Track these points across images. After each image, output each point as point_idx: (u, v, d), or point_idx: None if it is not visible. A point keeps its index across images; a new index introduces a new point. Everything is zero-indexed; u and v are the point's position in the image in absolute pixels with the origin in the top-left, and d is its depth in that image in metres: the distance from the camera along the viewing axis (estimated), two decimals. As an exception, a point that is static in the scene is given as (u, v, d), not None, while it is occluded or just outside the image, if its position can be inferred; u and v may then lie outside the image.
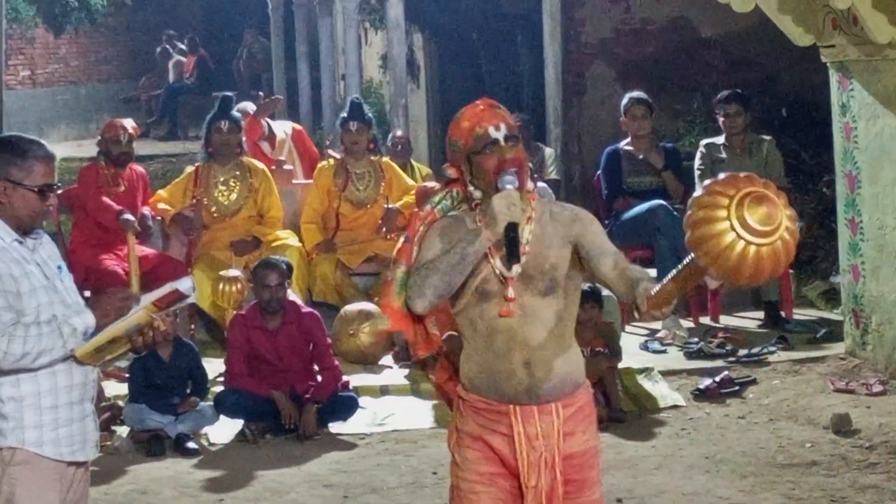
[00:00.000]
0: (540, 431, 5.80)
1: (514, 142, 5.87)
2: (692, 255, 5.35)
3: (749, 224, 5.15)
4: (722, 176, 5.40)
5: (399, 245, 6.03)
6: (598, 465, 6.01)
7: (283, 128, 16.00)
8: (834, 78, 12.00)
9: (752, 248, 5.17)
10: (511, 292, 5.75)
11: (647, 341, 12.78)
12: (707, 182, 5.44)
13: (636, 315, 5.66)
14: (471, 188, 5.92)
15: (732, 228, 5.16)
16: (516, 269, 5.74)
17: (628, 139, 13.82)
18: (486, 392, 5.86)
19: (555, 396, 5.82)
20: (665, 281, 5.49)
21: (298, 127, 16.76)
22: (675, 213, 13.14)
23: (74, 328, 5.79)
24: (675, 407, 11.21)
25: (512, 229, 5.69)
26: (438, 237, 5.87)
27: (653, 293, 5.48)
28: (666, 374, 11.89)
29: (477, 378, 5.89)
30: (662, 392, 11.48)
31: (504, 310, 5.74)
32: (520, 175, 5.80)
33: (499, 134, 5.86)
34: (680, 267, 5.46)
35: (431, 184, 13.59)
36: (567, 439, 5.84)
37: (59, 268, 6.04)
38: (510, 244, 5.70)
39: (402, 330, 6.06)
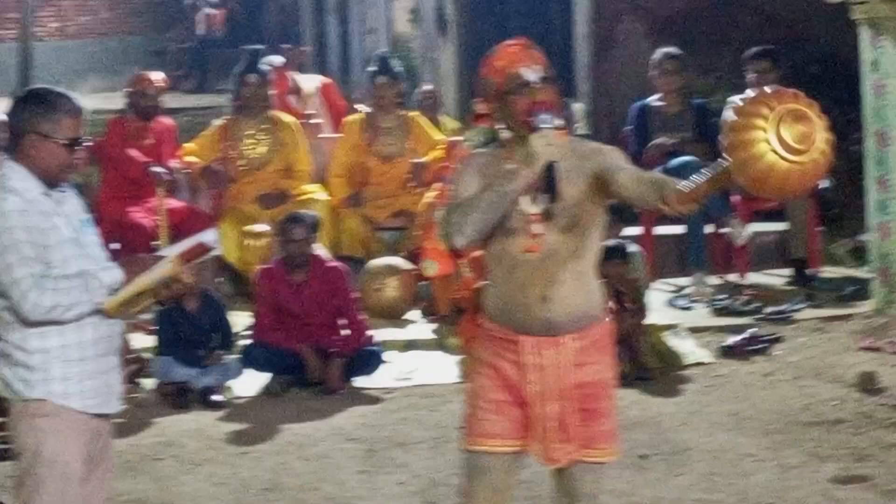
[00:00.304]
0: (549, 362, 5.91)
1: (547, 83, 5.91)
2: (724, 158, 5.39)
3: (784, 139, 5.17)
4: (769, 89, 5.43)
5: (440, 189, 6.26)
6: (610, 396, 6.10)
7: (312, 82, 16.02)
8: (865, 35, 11.98)
9: (783, 164, 5.19)
10: (536, 228, 5.84)
11: (673, 298, 12.79)
12: (754, 92, 5.47)
13: (663, 208, 5.67)
14: (499, 126, 6.01)
15: (767, 140, 5.18)
16: (543, 204, 5.83)
17: (658, 95, 13.82)
18: (502, 322, 5.97)
19: (568, 329, 5.92)
20: (694, 180, 5.54)
21: (327, 80, 16.78)
22: (702, 167, 13.12)
23: (102, 281, 5.84)
24: (700, 364, 11.23)
25: (551, 168, 5.78)
26: (476, 174, 5.95)
27: (682, 188, 5.54)
28: (692, 330, 11.91)
29: (495, 308, 5.99)
30: (688, 349, 11.50)
31: (531, 245, 5.83)
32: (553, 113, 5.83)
33: (532, 75, 5.89)
34: (712, 168, 5.50)
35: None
36: (578, 370, 5.93)
37: (85, 222, 6.06)
38: (550, 182, 5.79)
39: (447, 272, 6.25)
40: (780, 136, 5.15)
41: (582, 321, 5.96)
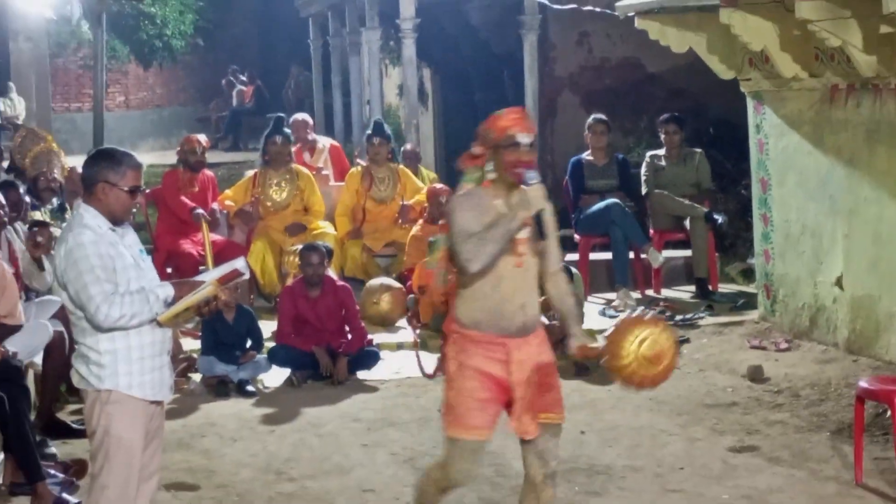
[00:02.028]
0: (525, 356, 6.09)
1: (532, 148, 6.08)
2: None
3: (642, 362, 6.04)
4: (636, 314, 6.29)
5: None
6: (556, 372, 6.33)
7: (323, 142, 15.99)
8: (750, 104, 11.96)
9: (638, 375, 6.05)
10: (523, 249, 6.04)
11: (604, 308, 12.75)
12: (609, 332, 6.17)
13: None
14: (488, 168, 6.10)
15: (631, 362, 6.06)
16: (525, 233, 6.03)
17: (590, 151, 13.79)
18: (486, 328, 6.08)
19: (532, 330, 6.15)
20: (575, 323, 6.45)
21: (335, 143, 16.71)
22: (626, 209, 13.14)
23: (158, 296, 5.83)
24: (625, 359, 11.16)
25: (540, 215, 6.02)
26: (470, 208, 6.03)
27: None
28: (619, 334, 11.83)
29: (479, 316, 6.08)
30: (616, 348, 11.41)
31: (518, 262, 6.03)
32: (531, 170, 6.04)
33: (524, 140, 6.03)
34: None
35: (439, 186, 13.62)
36: (538, 358, 6.17)
37: (141, 251, 6.07)
38: (539, 225, 6.04)
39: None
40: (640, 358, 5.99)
41: (538, 322, 6.23)
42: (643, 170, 13.60)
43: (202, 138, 13.62)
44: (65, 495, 7.72)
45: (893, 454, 7.64)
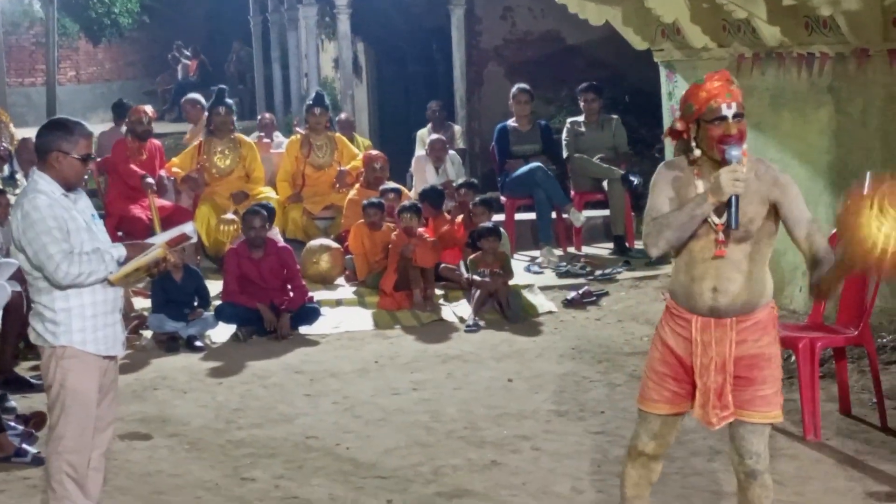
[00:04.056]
0: (714, 339, 5.24)
1: (740, 118, 5.15)
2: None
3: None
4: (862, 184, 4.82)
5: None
6: (770, 367, 5.28)
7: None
8: (663, 73, 12.00)
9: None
10: (721, 236, 5.16)
11: (529, 265, 12.76)
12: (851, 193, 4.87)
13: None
14: (693, 144, 5.24)
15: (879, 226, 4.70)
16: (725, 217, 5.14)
17: (514, 118, 13.79)
18: (681, 302, 5.32)
19: (732, 314, 5.22)
20: (826, 272, 5.08)
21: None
22: (549, 172, 13.17)
23: (112, 256, 5.79)
24: (549, 312, 11.21)
25: (734, 201, 5.08)
26: (668, 184, 5.28)
27: (818, 283, 5.11)
28: (543, 288, 11.88)
29: (677, 290, 5.34)
30: (541, 302, 11.46)
31: (718, 251, 5.16)
32: (740, 146, 5.15)
33: (729, 111, 5.12)
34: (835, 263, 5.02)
35: (374, 152, 13.61)
36: (739, 346, 5.23)
37: (93, 216, 6.00)
38: (731, 213, 5.09)
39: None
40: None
41: (745, 308, 5.22)
42: (564, 135, 13.62)
43: (149, 109, 13.54)
44: (25, 446, 7.66)
45: (798, 396, 7.70)
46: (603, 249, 13.45)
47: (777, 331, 5.34)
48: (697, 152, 5.24)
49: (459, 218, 12.26)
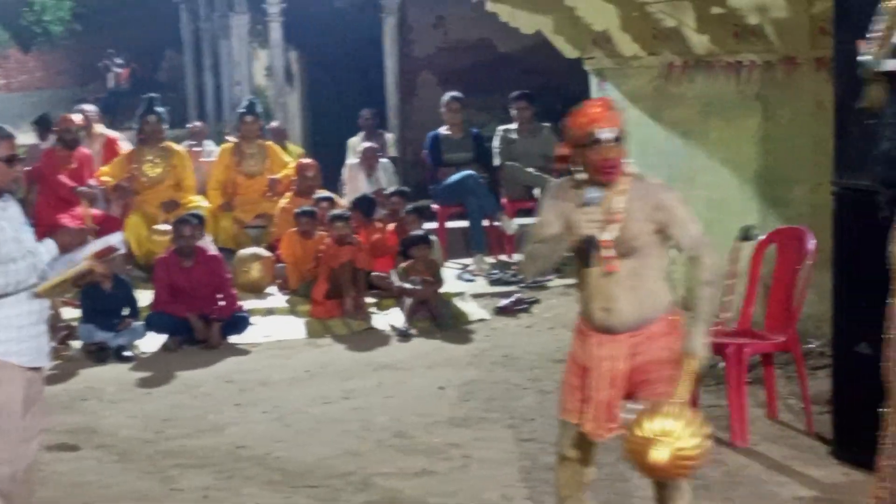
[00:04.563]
0: (608, 355, 5.34)
1: (617, 143, 5.27)
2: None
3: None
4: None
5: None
6: (665, 368, 5.33)
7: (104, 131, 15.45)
8: (594, 81, 12.03)
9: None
10: (607, 253, 5.24)
11: (461, 273, 12.77)
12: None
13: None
14: (575, 168, 5.34)
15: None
16: (613, 232, 5.22)
17: (446, 126, 13.81)
18: (582, 316, 5.46)
19: (624, 330, 5.33)
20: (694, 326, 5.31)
21: (113, 136, 15.84)
22: (481, 180, 13.19)
23: (43, 259, 5.73)
24: (481, 320, 11.23)
25: (589, 242, 5.22)
26: (552, 207, 5.39)
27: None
28: (475, 296, 11.91)
29: (581, 306, 5.46)
30: (472, 309, 11.48)
31: (609, 266, 5.25)
32: (617, 172, 5.28)
33: (604, 135, 5.24)
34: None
35: (306, 161, 13.57)
36: (633, 359, 5.33)
37: (22, 224, 5.93)
38: (588, 251, 5.24)
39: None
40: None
41: (638, 323, 5.33)
42: (495, 143, 13.64)
43: (77, 118, 13.46)
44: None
45: (726, 402, 7.75)
46: (535, 257, 13.46)
47: (676, 338, 5.36)
48: (582, 176, 5.34)
49: (391, 226, 12.25)
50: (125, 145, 14.31)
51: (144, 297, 11.20)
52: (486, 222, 13.29)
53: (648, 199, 5.30)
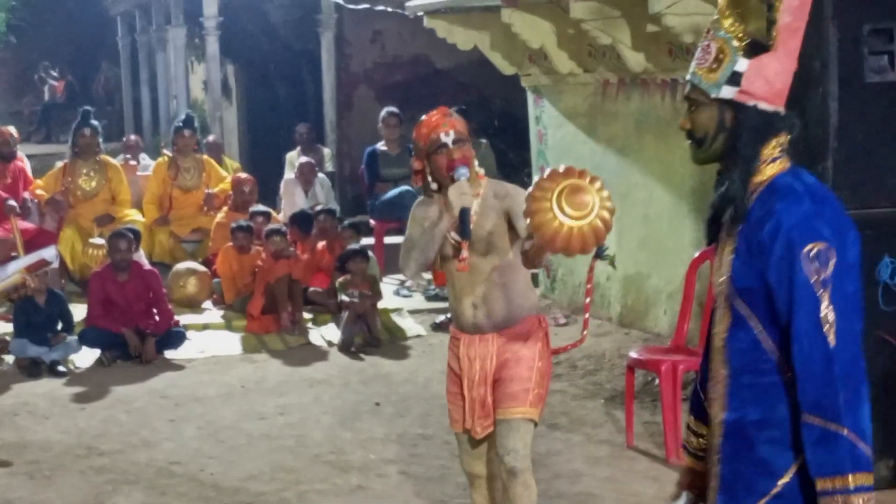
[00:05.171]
0: (478, 354, 5.49)
1: (461, 143, 5.44)
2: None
3: (563, 207, 4.68)
4: (547, 171, 4.83)
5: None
6: (518, 367, 5.45)
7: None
8: (531, 98, 12.08)
9: (565, 227, 4.70)
10: (464, 253, 5.42)
11: (398, 288, 12.77)
12: (537, 178, 4.93)
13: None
14: (429, 179, 5.52)
15: (552, 209, 4.69)
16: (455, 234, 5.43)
17: (384, 142, 13.81)
18: (455, 323, 5.64)
19: (493, 329, 5.48)
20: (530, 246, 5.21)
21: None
22: (417, 195, 13.17)
23: None
24: (418, 336, 11.22)
25: (463, 213, 5.33)
26: (416, 219, 5.57)
27: (525, 252, 5.28)
28: (412, 312, 11.90)
29: (452, 312, 5.66)
30: (409, 325, 11.48)
31: (460, 266, 5.43)
32: (468, 166, 5.42)
33: (448, 139, 5.41)
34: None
35: (243, 175, 13.53)
36: (499, 357, 5.47)
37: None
38: (463, 224, 5.34)
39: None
40: (560, 206, 4.68)
41: (505, 322, 5.49)
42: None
43: (13, 130, 13.38)
44: None
45: (661, 419, 7.78)
46: (472, 273, 13.47)
47: (539, 337, 5.54)
48: (434, 185, 5.52)
49: (321, 244, 12.18)
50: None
51: (79, 311, 11.10)
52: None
53: (498, 193, 5.52)
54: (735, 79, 3.63)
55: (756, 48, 3.63)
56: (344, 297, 11.14)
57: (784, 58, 3.65)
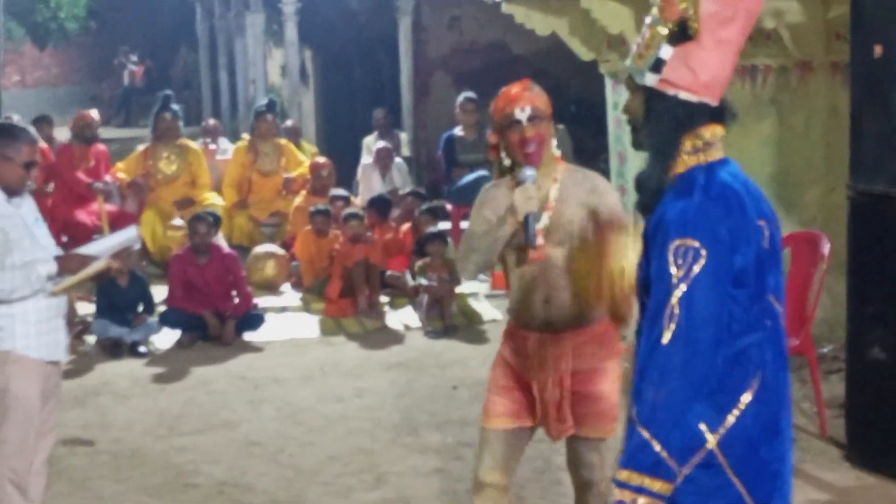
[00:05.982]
0: (551, 355, 5.12)
1: (538, 121, 5.11)
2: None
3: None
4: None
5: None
6: (605, 382, 5.17)
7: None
8: (609, 84, 12.02)
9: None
10: (539, 240, 5.02)
11: (474, 273, 12.76)
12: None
13: None
14: (502, 155, 5.20)
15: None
16: (544, 220, 5.06)
17: (461, 127, 13.81)
18: (517, 319, 5.25)
19: (567, 327, 5.11)
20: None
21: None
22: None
23: (40, 274, 5.70)
24: (494, 320, 11.23)
25: (528, 220, 5.00)
26: (484, 206, 5.22)
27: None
28: (488, 297, 11.90)
29: (514, 308, 5.25)
30: (485, 309, 11.48)
31: (535, 254, 5.05)
32: (539, 152, 5.11)
33: (523, 115, 5.08)
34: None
35: (321, 159, 13.60)
36: (576, 360, 5.13)
37: (37, 219, 5.94)
38: (527, 230, 4.99)
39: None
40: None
41: (580, 319, 5.11)
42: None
43: (94, 114, 13.52)
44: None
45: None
46: (548, 258, 13.45)
47: (616, 346, 5.22)
48: (507, 162, 5.22)
49: (405, 226, 12.25)
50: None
51: (159, 293, 11.21)
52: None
53: (583, 184, 5.20)
54: (657, 66, 3.55)
55: (682, 36, 3.54)
56: (422, 281, 11.17)
57: (712, 48, 3.55)
